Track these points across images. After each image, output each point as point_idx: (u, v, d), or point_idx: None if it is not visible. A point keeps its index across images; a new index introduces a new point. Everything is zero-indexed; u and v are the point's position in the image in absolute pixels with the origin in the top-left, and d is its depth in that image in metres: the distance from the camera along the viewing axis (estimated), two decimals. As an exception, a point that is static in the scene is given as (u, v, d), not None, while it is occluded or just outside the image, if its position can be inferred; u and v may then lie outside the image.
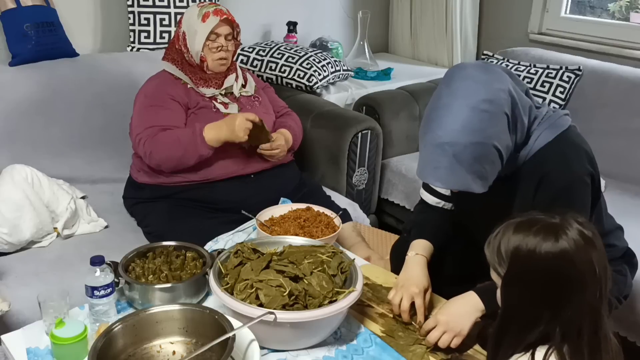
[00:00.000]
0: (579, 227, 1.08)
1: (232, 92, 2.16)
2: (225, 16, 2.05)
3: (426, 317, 1.50)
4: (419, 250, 1.61)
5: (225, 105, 2.11)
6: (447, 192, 1.68)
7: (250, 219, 1.87)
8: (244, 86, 2.20)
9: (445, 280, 1.67)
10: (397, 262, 1.85)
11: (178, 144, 1.95)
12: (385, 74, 3.21)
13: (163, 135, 1.98)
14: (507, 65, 2.85)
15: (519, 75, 2.78)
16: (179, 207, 2.01)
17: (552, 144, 1.42)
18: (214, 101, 2.10)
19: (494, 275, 1.17)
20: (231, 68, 2.17)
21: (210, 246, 1.81)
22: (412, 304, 1.52)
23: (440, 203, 1.70)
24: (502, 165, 1.37)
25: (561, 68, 2.72)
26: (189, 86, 2.10)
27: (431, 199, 1.71)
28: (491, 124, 1.31)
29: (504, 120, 1.33)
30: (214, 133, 1.95)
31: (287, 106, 2.37)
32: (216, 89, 2.13)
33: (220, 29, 2.05)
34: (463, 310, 1.43)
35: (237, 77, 2.19)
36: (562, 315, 1.06)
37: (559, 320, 1.06)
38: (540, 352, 1.07)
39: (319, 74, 2.84)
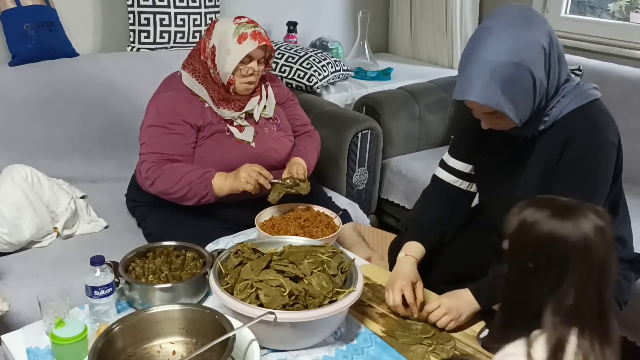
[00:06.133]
0: (594, 215, 1.05)
1: (252, 115, 2.05)
2: (264, 42, 1.92)
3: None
4: (409, 251, 1.65)
5: (241, 128, 2.01)
6: (467, 170, 1.69)
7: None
8: (265, 106, 2.09)
9: (438, 279, 1.68)
10: (394, 262, 1.87)
11: (184, 182, 1.87)
12: (385, 74, 3.21)
13: (171, 168, 1.89)
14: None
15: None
16: (180, 211, 1.97)
17: (583, 109, 1.46)
18: (228, 124, 2.00)
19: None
20: (256, 90, 2.06)
21: (211, 248, 1.80)
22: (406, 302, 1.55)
23: (458, 182, 1.71)
24: (534, 103, 1.40)
25: (561, 68, 2.72)
26: (206, 105, 1.99)
27: (448, 177, 1.72)
28: (529, 51, 1.35)
29: (541, 53, 1.37)
30: (219, 180, 1.87)
31: (309, 122, 2.26)
32: (236, 111, 2.01)
33: (255, 52, 1.93)
34: (465, 300, 1.52)
35: (260, 99, 2.07)
36: (558, 298, 1.03)
37: (555, 302, 1.03)
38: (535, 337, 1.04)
39: (319, 74, 2.84)
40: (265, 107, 2.09)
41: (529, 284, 1.06)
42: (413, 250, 1.64)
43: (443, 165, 1.74)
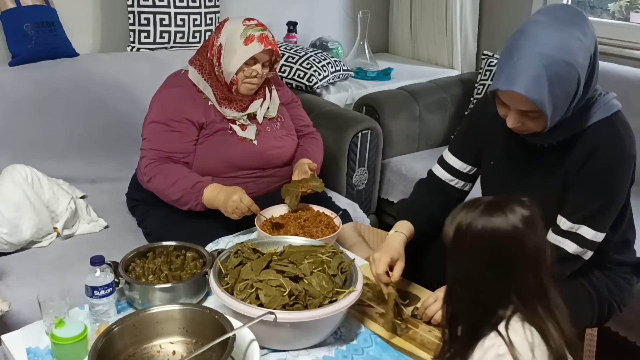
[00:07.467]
0: (520, 207, 1.11)
1: (255, 116, 2.06)
2: (269, 47, 1.94)
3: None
4: (399, 228, 1.63)
5: (244, 127, 2.02)
6: (465, 170, 1.67)
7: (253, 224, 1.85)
8: (268, 107, 2.10)
9: (433, 278, 1.68)
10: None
11: (177, 187, 1.88)
12: (385, 74, 3.20)
13: (169, 169, 1.91)
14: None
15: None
16: (180, 211, 1.96)
17: (608, 121, 1.45)
18: (231, 123, 2.01)
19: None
20: (259, 92, 2.07)
21: (211, 248, 1.80)
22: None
23: (454, 181, 1.69)
24: (566, 111, 1.37)
25: (561, 68, 2.71)
26: (209, 103, 2.00)
27: (444, 175, 1.70)
28: (582, 55, 1.32)
29: (588, 60, 1.34)
30: (211, 194, 1.86)
31: (311, 124, 2.27)
32: (239, 111, 2.03)
33: (260, 55, 1.95)
34: None
35: (263, 101, 2.08)
36: (500, 288, 1.10)
37: (500, 294, 1.10)
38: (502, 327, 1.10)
39: (319, 74, 2.84)
40: (268, 108, 2.10)
41: (482, 286, 1.11)
42: (402, 228, 1.62)
43: (441, 162, 1.72)
